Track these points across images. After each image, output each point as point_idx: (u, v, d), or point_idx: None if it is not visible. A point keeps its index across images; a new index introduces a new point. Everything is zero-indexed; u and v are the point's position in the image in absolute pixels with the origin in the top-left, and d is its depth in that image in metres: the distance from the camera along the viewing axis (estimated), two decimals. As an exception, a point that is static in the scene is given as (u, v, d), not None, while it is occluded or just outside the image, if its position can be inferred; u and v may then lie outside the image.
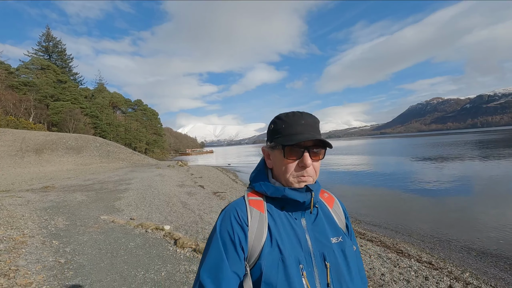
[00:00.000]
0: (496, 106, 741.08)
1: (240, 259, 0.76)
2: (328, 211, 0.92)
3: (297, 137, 0.80)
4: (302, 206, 0.84)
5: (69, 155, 22.90)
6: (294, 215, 0.85)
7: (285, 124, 0.84)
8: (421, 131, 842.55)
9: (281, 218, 0.83)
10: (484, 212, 7.39)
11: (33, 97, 37.52)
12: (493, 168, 15.13)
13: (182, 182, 13.47)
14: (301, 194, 0.82)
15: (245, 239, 0.77)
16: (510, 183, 11.01)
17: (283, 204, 0.85)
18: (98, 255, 3.58)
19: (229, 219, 0.80)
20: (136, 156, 29.15)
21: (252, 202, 0.84)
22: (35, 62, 49.06)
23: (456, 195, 9.57)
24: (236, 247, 0.76)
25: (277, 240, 0.78)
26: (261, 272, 0.74)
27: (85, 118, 47.89)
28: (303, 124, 0.83)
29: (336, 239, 0.85)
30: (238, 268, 0.75)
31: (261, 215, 0.82)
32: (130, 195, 8.91)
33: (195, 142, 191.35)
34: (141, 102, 77.53)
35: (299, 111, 0.87)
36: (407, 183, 12.43)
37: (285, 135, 0.83)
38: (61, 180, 13.53)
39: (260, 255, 0.76)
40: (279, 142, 0.83)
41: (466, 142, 42.26)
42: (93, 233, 4.57)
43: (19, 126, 30.29)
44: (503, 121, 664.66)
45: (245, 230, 0.78)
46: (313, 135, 0.82)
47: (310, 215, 0.87)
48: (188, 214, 6.62)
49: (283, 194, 0.82)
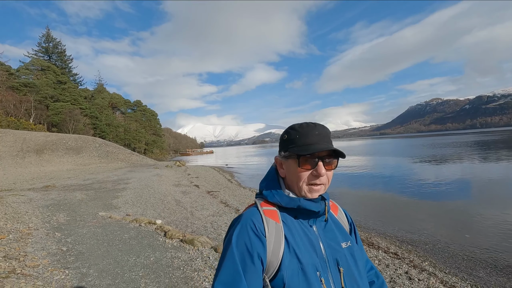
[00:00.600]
0: (495, 107, 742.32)
1: (257, 272, 0.76)
2: (335, 218, 0.96)
3: (312, 147, 0.83)
4: (315, 214, 0.86)
5: (69, 156, 23.39)
6: (307, 223, 0.87)
7: (299, 135, 0.86)
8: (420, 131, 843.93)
9: (296, 227, 0.85)
10: (468, 210, 7.71)
11: (33, 98, 37.98)
12: (492, 169, 15.21)
13: (179, 182, 13.94)
14: (316, 204, 0.84)
15: (264, 251, 0.77)
16: (508, 184, 11.16)
17: (296, 214, 0.86)
18: (95, 244, 4.05)
19: (246, 230, 0.79)
20: (134, 156, 29.63)
21: (267, 212, 0.84)
22: (35, 63, 49.55)
23: (449, 196, 9.68)
24: (253, 260, 0.76)
25: (295, 249, 0.79)
26: (284, 283, 0.74)
27: (85, 118, 48.38)
28: (317, 134, 0.85)
29: (345, 243, 0.88)
30: (255, 282, 0.75)
31: (277, 225, 0.82)
32: (127, 194, 9.38)
33: (195, 142, 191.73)
34: (140, 103, 78.02)
35: (313, 122, 0.89)
36: (403, 184, 12.53)
37: (299, 145, 0.84)
38: (61, 180, 13.98)
39: (280, 266, 0.76)
40: (294, 152, 0.84)
41: (465, 143, 42.52)
42: (91, 227, 5.04)
43: (20, 127, 30.78)
44: (502, 122, 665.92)
45: (263, 241, 0.78)
46: (327, 146, 0.84)
47: (321, 223, 0.90)
48: (181, 211, 7.10)
49: (298, 204, 0.83)
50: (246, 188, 13.54)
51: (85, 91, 60.92)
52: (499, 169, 14.96)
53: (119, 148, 30.27)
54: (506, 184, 11.08)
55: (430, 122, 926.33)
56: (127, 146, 53.79)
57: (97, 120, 54.23)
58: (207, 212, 7.16)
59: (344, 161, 25.75)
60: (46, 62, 51.10)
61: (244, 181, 18.00)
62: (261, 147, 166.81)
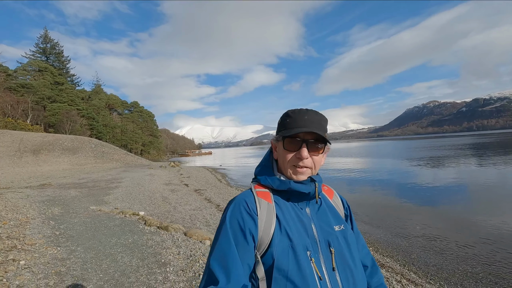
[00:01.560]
0: (491, 110, 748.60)
1: (250, 248, 0.79)
2: (329, 202, 0.98)
3: (295, 130, 0.86)
4: (307, 196, 0.89)
5: (65, 156, 24.00)
6: (300, 205, 0.90)
7: (290, 119, 0.89)
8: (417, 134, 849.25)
9: (288, 208, 0.88)
10: (462, 214, 7.67)
11: (31, 99, 38.49)
12: (489, 172, 15.21)
13: (170, 181, 14.62)
14: (305, 186, 0.87)
15: (255, 228, 0.81)
16: (505, 186, 11.25)
17: (289, 196, 0.90)
18: (84, 230, 4.75)
19: (239, 210, 0.84)
20: (129, 157, 30.25)
21: (260, 194, 0.89)
22: (33, 64, 50.05)
23: (444, 200, 9.66)
24: (246, 236, 0.79)
25: (286, 228, 0.82)
26: (273, 259, 0.77)
27: (82, 119, 48.88)
28: (306, 119, 0.88)
29: (338, 227, 0.91)
30: (248, 257, 0.78)
31: (269, 205, 0.86)
32: (119, 192, 10.05)
33: (192, 143, 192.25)
34: (137, 104, 78.56)
35: (305, 108, 0.92)
36: (399, 187, 12.53)
37: (287, 128, 0.89)
38: (57, 179, 14.60)
39: (270, 243, 0.79)
40: (281, 134, 0.90)
41: (462, 146, 42.92)
42: (82, 217, 5.73)
43: (17, 127, 31.33)
44: (499, 125, 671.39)
45: (255, 219, 0.82)
46: (310, 128, 0.86)
47: (314, 205, 0.92)
48: (165, 205, 7.81)
49: (289, 187, 0.87)
50: (233, 187, 14.25)
51: (82, 92, 61.40)
52: (496, 172, 14.97)
53: (114, 149, 30.89)
54: (504, 187, 11.16)
55: (427, 124, 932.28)
56: (123, 147, 54.33)
57: (94, 121, 54.72)
58: (190, 207, 7.88)
59: (341, 163, 25.98)
60: (43, 63, 51.58)
61: (234, 180, 18.70)
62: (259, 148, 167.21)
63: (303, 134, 0.87)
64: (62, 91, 49.98)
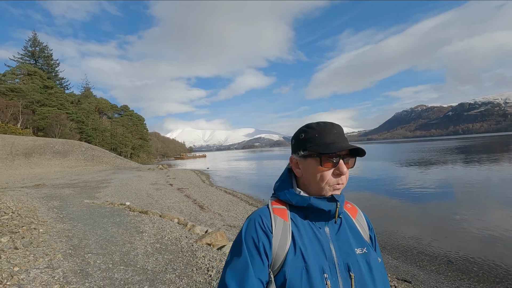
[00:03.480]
0: (476, 114, 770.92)
1: (264, 265, 0.77)
2: (352, 221, 0.93)
3: (334, 146, 0.83)
4: (326, 215, 0.85)
5: (56, 159, 24.97)
6: (318, 224, 0.86)
7: (318, 133, 0.86)
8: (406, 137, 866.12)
9: (305, 227, 0.85)
10: (447, 213, 8.07)
11: (21, 103, 39.06)
12: (474, 173, 15.79)
13: (156, 181, 15.94)
14: (326, 203, 0.83)
15: (270, 246, 0.79)
16: (490, 187, 11.82)
17: (307, 213, 0.87)
18: (82, 214, 6.13)
19: (253, 226, 0.82)
20: (119, 160, 31.30)
21: (276, 210, 0.86)
22: (22, 67, 50.44)
23: (429, 199, 10.03)
24: (260, 254, 0.78)
25: (300, 248, 0.79)
26: (285, 279, 0.75)
27: (71, 123, 49.46)
28: (336, 133, 0.86)
29: (360, 250, 0.85)
30: (262, 275, 0.77)
31: (285, 223, 0.83)
32: (108, 190, 11.34)
33: (183, 147, 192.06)
34: (127, 108, 79.13)
35: (328, 121, 0.90)
36: (389, 187, 12.89)
37: (320, 144, 0.84)
38: (50, 180, 15.71)
39: (284, 263, 0.77)
40: (314, 150, 0.84)
41: (448, 148, 44.40)
42: (79, 207, 7.08)
43: (8, 131, 31.99)
44: (483, 128, 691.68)
45: (269, 237, 0.80)
46: (349, 144, 0.84)
47: (334, 225, 0.88)
48: (148, 200, 9.20)
49: (309, 203, 0.84)
50: (214, 186, 15.69)
51: (72, 95, 61.87)
52: (481, 173, 15.63)
53: (104, 152, 31.89)
54: (489, 187, 11.89)
55: (415, 128, 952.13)
56: (113, 151, 55.02)
57: (84, 124, 55.29)
58: (170, 201, 9.29)
59: None
60: (32, 67, 52.00)
61: (217, 181, 20.12)
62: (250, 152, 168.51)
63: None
64: (51, 95, 50.47)
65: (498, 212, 8.11)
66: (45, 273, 2.96)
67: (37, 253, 3.47)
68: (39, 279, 2.82)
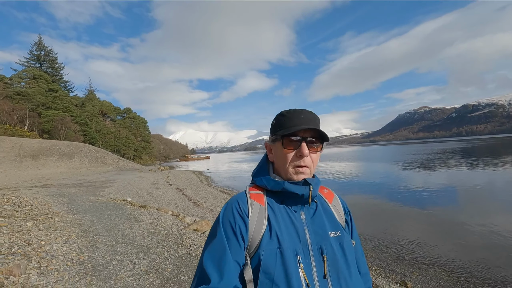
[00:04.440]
0: (480, 116, 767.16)
1: (241, 248, 0.80)
2: (328, 206, 0.96)
3: (294, 128, 0.87)
4: (301, 199, 0.88)
5: (62, 160, 26.03)
6: (294, 208, 0.89)
7: (286, 118, 0.90)
8: (409, 139, 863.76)
9: (281, 211, 0.88)
10: (452, 217, 7.91)
11: (28, 107, 40.30)
12: (478, 176, 15.46)
13: (156, 181, 16.86)
14: (299, 187, 0.87)
15: (246, 230, 0.82)
16: (494, 190, 11.57)
17: (283, 198, 0.90)
18: (89, 208, 7.04)
19: (230, 210, 0.86)
20: (122, 161, 32.33)
21: (253, 196, 0.90)
22: (28, 71, 51.82)
23: (432, 202, 9.86)
24: (237, 237, 0.81)
25: (276, 231, 0.82)
26: (260, 261, 0.78)
27: (75, 126, 50.63)
28: (302, 118, 0.89)
29: (334, 233, 0.88)
30: (239, 257, 0.80)
31: (261, 207, 0.86)
32: (112, 189, 12.26)
33: (186, 149, 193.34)
34: (130, 110, 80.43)
35: (299, 108, 0.92)
36: (392, 190, 12.68)
37: (285, 128, 0.89)
38: (57, 180, 16.68)
39: (259, 245, 0.80)
40: (279, 134, 0.90)
41: (452, 150, 43.79)
42: (86, 203, 8.00)
43: (15, 134, 33.17)
44: (487, 130, 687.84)
45: (245, 221, 0.83)
46: (308, 125, 0.87)
47: (309, 209, 0.91)
48: (148, 197, 10.11)
49: (283, 187, 0.87)
50: (211, 186, 16.59)
51: (76, 98, 63.20)
52: (486, 176, 15.37)
53: (107, 154, 32.95)
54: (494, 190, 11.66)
55: (418, 129, 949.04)
56: (116, 152, 56.14)
57: (88, 127, 56.48)
58: (167, 198, 10.20)
59: (336, 167, 26.69)
60: (38, 71, 53.35)
61: (215, 182, 21.02)
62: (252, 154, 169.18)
63: (302, 132, 0.88)
64: (56, 98, 51.74)
65: (504, 216, 7.84)
66: (64, 246, 3.86)
67: (56, 234, 4.38)
68: (60, 249, 3.72)
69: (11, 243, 3.40)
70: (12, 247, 3.31)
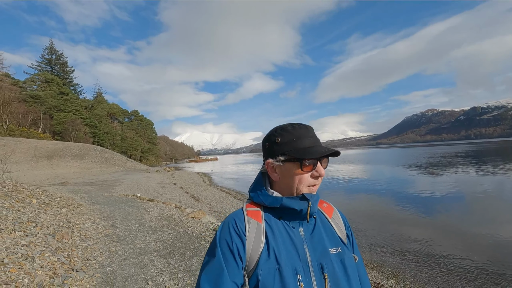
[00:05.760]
0: (489, 118, 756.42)
1: (238, 268, 0.78)
2: (327, 221, 0.94)
3: (315, 150, 0.83)
4: (299, 215, 0.86)
5: (74, 161, 27.66)
6: (292, 224, 0.87)
7: (295, 137, 0.86)
8: (416, 142, 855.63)
9: (279, 228, 0.85)
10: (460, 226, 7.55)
11: (42, 111, 42.29)
12: (487, 181, 14.97)
13: (162, 181, 18.19)
14: (298, 202, 0.84)
15: (243, 249, 0.80)
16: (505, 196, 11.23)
17: (281, 214, 0.87)
18: (105, 201, 8.34)
19: (227, 229, 0.83)
20: (130, 162, 33.90)
21: (250, 213, 0.87)
22: (41, 75, 54.07)
23: (444, 208, 9.58)
24: (235, 257, 0.78)
25: (274, 249, 0.80)
26: (258, 281, 0.75)
27: (85, 128, 52.63)
28: (311, 136, 0.87)
29: (335, 249, 0.86)
30: (236, 277, 0.77)
31: (258, 225, 0.84)
32: (122, 187, 13.60)
33: (191, 150, 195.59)
34: (137, 113, 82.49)
35: (299, 123, 0.90)
36: (397, 196, 12.25)
37: (299, 149, 0.84)
38: (71, 179, 18.12)
39: (257, 264, 0.77)
40: (294, 155, 0.84)
41: (461, 154, 43.16)
42: (102, 197, 9.31)
43: (30, 136, 35.04)
44: (496, 133, 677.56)
45: (243, 239, 0.81)
46: (329, 149, 0.84)
47: (308, 225, 0.89)
48: (155, 194, 11.40)
49: (281, 203, 0.85)
50: (213, 186, 17.85)
51: (85, 101, 65.39)
52: (497, 180, 15.14)
53: (116, 155, 34.58)
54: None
55: (425, 132, 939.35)
56: (123, 154, 57.92)
57: (96, 129, 58.49)
58: (171, 195, 11.48)
59: (341, 170, 26.62)
60: (50, 75, 55.57)
61: (218, 182, 22.28)
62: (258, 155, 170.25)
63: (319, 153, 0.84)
64: (67, 101, 53.84)
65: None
66: (93, 225, 5.14)
67: (85, 217, 5.66)
68: (91, 227, 4.99)
69: (58, 221, 4.66)
70: (59, 223, 4.57)
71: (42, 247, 3.36)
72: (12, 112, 36.04)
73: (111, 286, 2.99)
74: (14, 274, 2.60)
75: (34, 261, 2.95)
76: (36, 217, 4.35)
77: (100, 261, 3.63)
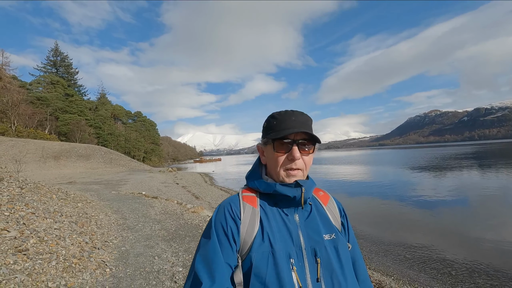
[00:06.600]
0: (492, 119, 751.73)
1: (233, 251, 0.81)
2: (322, 208, 0.96)
3: (285, 131, 0.86)
4: (293, 202, 0.88)
5: (80, 161, 28.61)
6: (287, 211, 0.89)
7: (277, 121, 0.90)
8: (419, 143, 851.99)
9: (274, 214, 0.88)
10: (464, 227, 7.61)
11: (48, 112, 43.38)
12: (492, 183, 14.80)
13: (165, 181, 19.02)
14: (291, 189, 0.86)
15: (238, 232, 0.82)
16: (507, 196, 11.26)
17: (276, 201, 0.90)
18: (113, 198, 9.15)
19: (223, 213, 0.86)
20: (133, 163, 34.84)
21: (246, 198, 0.90)
22: (46, 77, 55.27)
23: (443, 208, 9.69)
24: (229, 239, 0.81)
25: (268, 234, 0.82)
26: (251, 264, 0.78)
27: (90, 129, 53.70)
28: (293, 120, 0.88)
29: (329, 235, 0.88)
30: (231, 260, 0.80)
31: (253, 209, 0.87)
32: (127, 186, 14.42)
33: (194, 151, 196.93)
34: (140, 114, 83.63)
35: (292, 110, 0.91)
36: (399, 194, 12.60)
37: (276, 131, 0.89)
38: (78, 179, 18.99)
39: (251, 248, 0.80)
40: (270, 137, 0.89)
41: (464, 155, 43.10)
42: (110, 195, 10.13)
43: (37, 137, 36.10)
44: (500, 134, 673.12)
45: (237, 223, 0.84)
46: (299, 128, 0.86)
47: (303, 212, 0.91)
48: (158, 192, 12.21)
49: (274, 189, 0.87)
50: (213, 186, 18.64)
51: (90, 102, 66.55)
52: (500, 182, 14.96)
53: (120, 156, 35.53)
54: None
55: (429, 133, 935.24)
56: (127, 154, 58.98)
57: (101, 130, 59.58)
58: (174, 193, 12.29)
59: (344, 170, 27.43)
60: (55, 77, 56.74)
61: (218, 182, 23.09)
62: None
63: (293, 135, 0.87)
64: (72, 103, 54.94)
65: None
66: (106, 217, 5.95)
67: (97, 210, 6.47)
68: (104, 218, 5.80)
69: (77, 212, 5.47)
70: (78, 214, 5.38)
71: (69, 231, 4.16)
72: (20, 113, 37.13)
73: (126, 260, 3.80)
74: (53, 248, 3.41)
75: (65, 240, 3.76)
76: (60, 209, 5.16)
77: (115, 243, 4.44)
